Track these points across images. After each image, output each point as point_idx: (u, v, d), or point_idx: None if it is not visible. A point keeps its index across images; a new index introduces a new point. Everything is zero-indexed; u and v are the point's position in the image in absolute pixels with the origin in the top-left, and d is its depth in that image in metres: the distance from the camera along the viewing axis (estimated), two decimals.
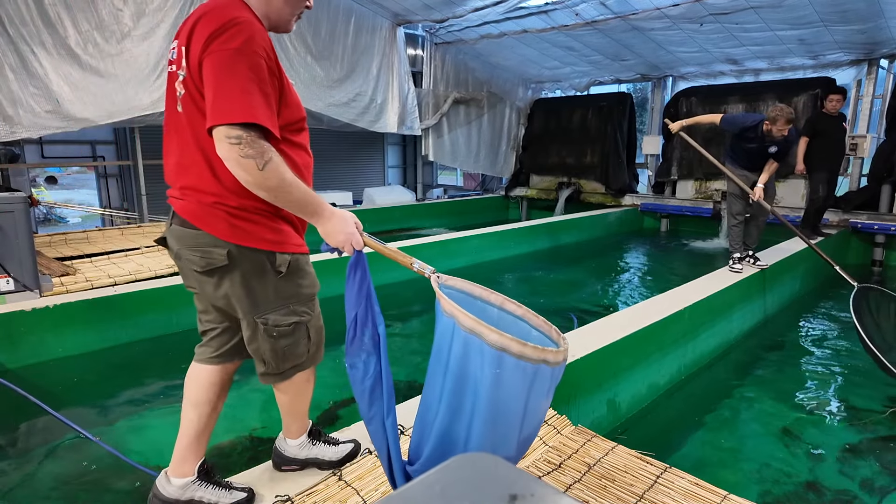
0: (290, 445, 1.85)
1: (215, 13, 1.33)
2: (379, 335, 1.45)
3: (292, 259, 1.55)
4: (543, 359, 1.26)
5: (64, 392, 3.29)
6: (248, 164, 1.29)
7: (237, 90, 1.28)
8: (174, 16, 5.83)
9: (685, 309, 3.56)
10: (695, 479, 1.75)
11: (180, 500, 1.64)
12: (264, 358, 1.62)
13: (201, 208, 1.46)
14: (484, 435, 1.30)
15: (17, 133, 5.01)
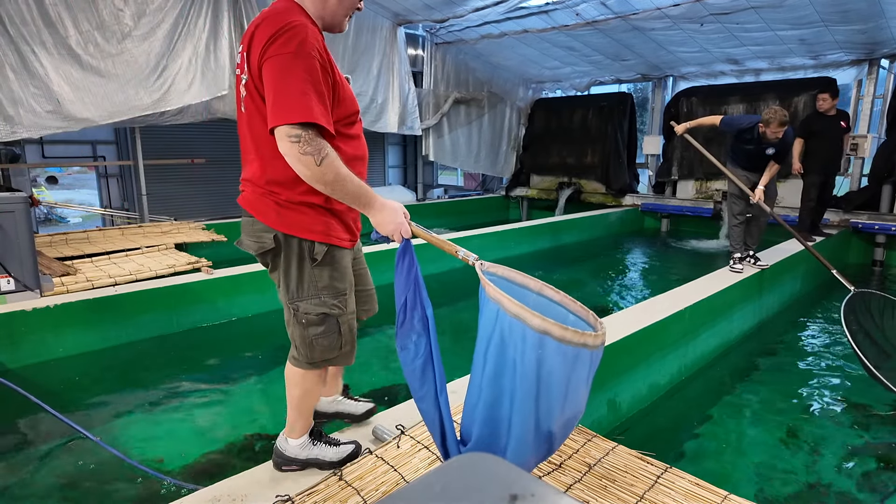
0: (291, 445, 1.86)
1: (271, 19, 1.44)
2: (427, 318, 1.52)
3: (328, 249, 1.65)
4: (583, 342, 1.31)
5: (65, 392, 3.29)
6: (307, 161, 1.42)
7: (295, 92, 1.39)
8: (175, 16, 5.83)
9: (686, 309, 3.56)
10: (695, 479, 1.75)
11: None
12: (296, 343, 1.75)
13: (255, 198, 1.63)
14: (525, 418, 1.35)
15: (18, 133, 5.01)
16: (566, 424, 1.45)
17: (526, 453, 1.42)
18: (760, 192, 4.50)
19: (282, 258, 1.65)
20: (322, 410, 2.10)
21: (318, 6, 1.56)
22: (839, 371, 3.80)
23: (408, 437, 1.97)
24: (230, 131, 9.10)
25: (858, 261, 7.06)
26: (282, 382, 1.64)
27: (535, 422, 1.38)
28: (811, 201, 6.10)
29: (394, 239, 1.57)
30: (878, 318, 3.76)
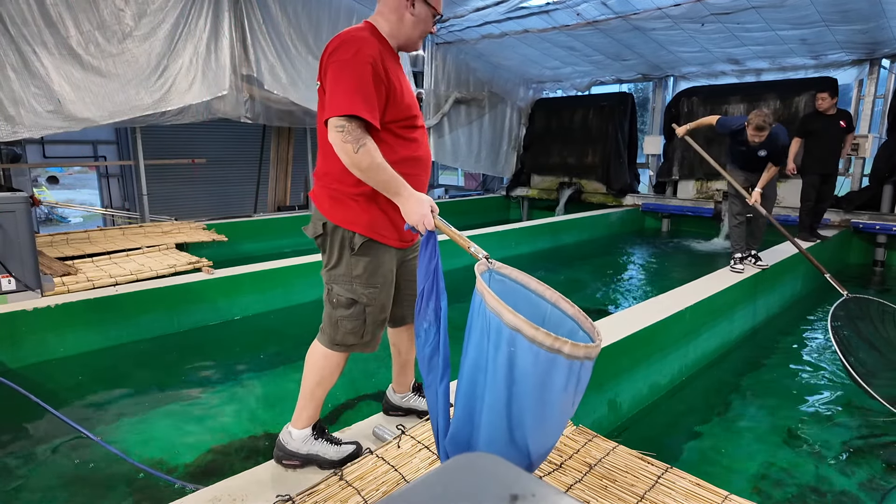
0: (293, 438, 1.91)
1: (340, 35, 1.71)
2: (441, 308, 1.59)
3: (368, 242, 1.80)
4: (557, 348, 1.26)
5: (65, 392, 3.29)
6: (347, 148, 1.60)
7: (345, 90, 1.61)
8: (175, 16, 5.84)
9: (686, 309, 3.56)
10: (696, 479, 1.75)
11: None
12: (324, 320, 1.94)
13: (317, 189, 1.86)
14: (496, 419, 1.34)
15: (19, 133, 5.01)
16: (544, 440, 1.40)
17: None
18: (757, 194, 4.47)
19: (329, 243, 1.85)
20: (396, 404, 2.25)
21: (392, 29, 1.80)
22: (841, 371, 3.79)
23: (408, 437, 1.97)
24: (231, 131, 9.13)
25: (859, 261, 7.06)
26: (282, 382, 1.67)
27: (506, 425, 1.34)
28: (809, 201, 6.05)
29: (419, 229, 1.68)
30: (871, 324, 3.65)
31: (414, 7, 1.78)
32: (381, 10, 1.81)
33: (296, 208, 8.44)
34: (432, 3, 1.80)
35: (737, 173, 4.74)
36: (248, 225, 7.15)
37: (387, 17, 1.80)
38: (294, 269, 4.86)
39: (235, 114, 6.66)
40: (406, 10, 1.78)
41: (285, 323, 4.54)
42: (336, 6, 7.45)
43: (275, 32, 6.76)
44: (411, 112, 1.81)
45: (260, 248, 6.94)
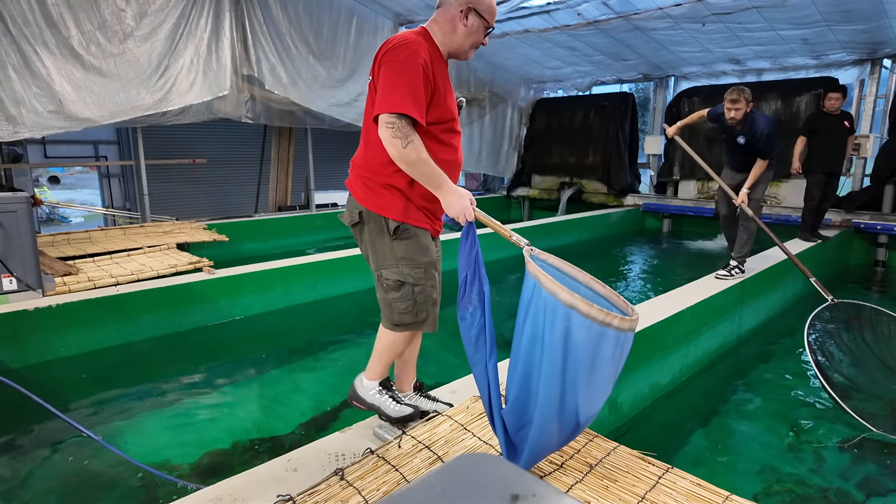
0: (364, 385, 2.13)
1: (396, 37, 1.80)
2: (484, 293, 1.71)
3: (402, 226, 1.90)
4: (608, 322, 1.48)
5: (67, 391, 3.30)
6: (396, 143, 1.71)
7: (396, 89, 1.71)
8: (176, 16, 5.84)
9: (687, 309, 3.56)
10: (697, 479, 1.75)
11: (365, 399, 2.11)
12: (381, 305, 2.03)
13: (353, 179, 1.96)
14: (551, 387, 1.54)
15: (20, 133, 5.01)
16: (591, 403, 1.61)
17: (551, 423, 1.60)
18: (744, 194, 4.24)
19: (366, 231, 1.95)
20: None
21: (446, 38, 1.90)
22: None
23: (409, 437, 1.97)
24: (232, 131, 9.13)
25: (860, 261, 7.05)
26: (283, 381, 1.68)
27: (560, 392, 1.54)
28: (813, 201, 5.99)
29: (460, 221, 1.79)
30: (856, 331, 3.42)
31: (467, 19, 1.88)
32: (436, 18, 1.92)
33: (296, 208, 8.44)
34: (485, 17, 1.89)
35: (727, 173, 4.58)
36: (248, 225, 7.16)
37: (441, 26, 1.90)
38: (294, 269, 4.86)
39: (236, 114, 6.66)
40: (460, 21, 1.88)
41: (286, 323, 4.55)
42: (337, 6, 7.46)
43: (276, 32, 6.77)
44: (452, 115, 1.92)
45: (261, 248, 6.94)
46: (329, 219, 8.19)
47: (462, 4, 1.86)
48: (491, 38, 8.66)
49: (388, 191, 1.88)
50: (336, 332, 4.35)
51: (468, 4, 1.86)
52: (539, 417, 1.59)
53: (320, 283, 5.02)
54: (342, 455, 1.96)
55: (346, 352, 3.99)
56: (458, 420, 2.08)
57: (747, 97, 4.07)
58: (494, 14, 1.92)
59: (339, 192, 9.45)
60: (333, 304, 4.98)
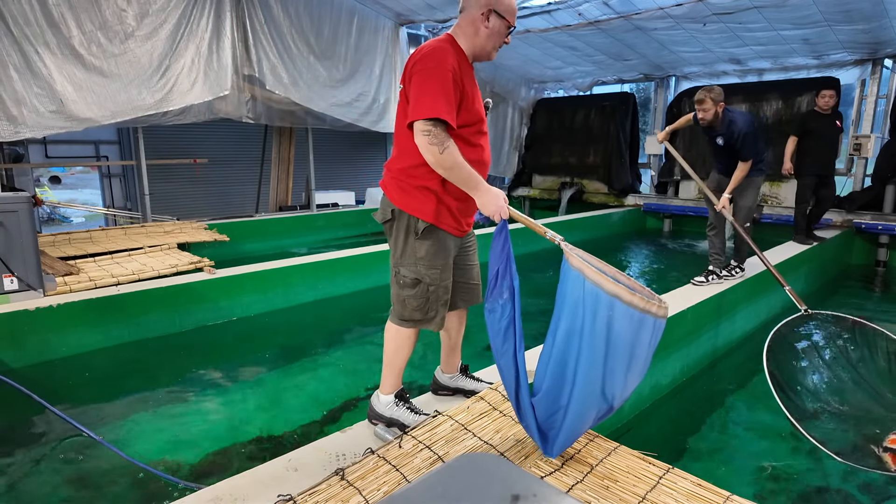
0: (381, 401, 2.16)
1: (425, 47, 1.89)
2: (514, 287, 1.81)
3: (430, 227, 1.99)
4: (648, 309, 1.61)
5: (67, 391, 3.30)
6: (433, 150, 1.81)
7: (429, 95, 1.80)
8: (177, 16, 5.84)
9: (688, 309, 3.56)
10: (697, 479, 1.75)
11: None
12: (392, 300, 2.11)
13: (387, 180, 2.05)
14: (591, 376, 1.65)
15: (22, 133, 5.02)
16: (627, 387, 1.72)
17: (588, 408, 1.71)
18: (725, 199, 4.10)
19: (395, 227, 2.04)
20: (444, 384, 2.40)
21: (469, 41, 1.97)
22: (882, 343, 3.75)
23: (410, 437, 1.97)
24: (232, 131, 9.14)
25: (861, 261, 7.04)
26: (283, 381, 1.68)
27: (601, 379, 1.66)
28: (805, 203, 5.84)
29: (494, 219, 1.90)
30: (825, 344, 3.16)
31: (488, 21, 1.93)
32: (459, 23, 1.98)
33: (297, 208, 8.44)
34: (506, 17, 1.95)
35: (714, 177, 4.41)
36: (249, 225, 7.16)
37: (464, 29, 1.96)
38: (295, 269, 4.86)
39: (237, 114, 6.66)
40: (481, 23, 1.94)
41: (286, 323, 4.55)
42: (338, 6, 7.46)
43: (276, 33, 6.77)
44: (479, 117, 2.01)
45: (261, 248, 6.94)
46: (330, 219, 8.19)
47: (482, 7, 1.92)
48: None
49: (421, 193, 1.98)
50: (337, 332, 4.35)
51: (488, 6, 1.92)
52: (575, 403, 1.70)
53: (321, 283, 5.02)
54: (343, 455, 1.97)
55: (346, 352, 3.99)
56: (458, 420, 2.08)
57: (714, 97, 3.92)
58: (515, 13, 1.97)
59: (339, 192, 9.45)
60: (334, 304, 4.98)
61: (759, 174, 4.23)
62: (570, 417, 1.73)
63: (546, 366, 1.76)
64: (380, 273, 5.51)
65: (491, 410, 2.16)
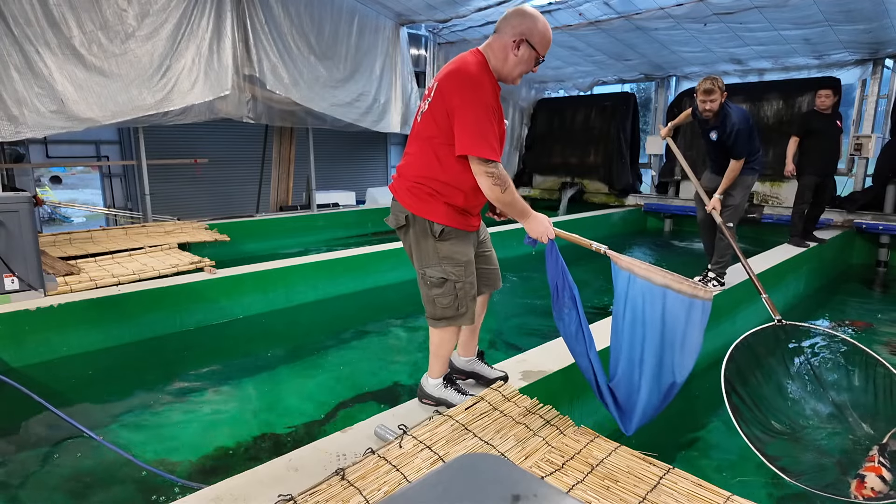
0: (429, 384, 2.29)
1: (463, 71, 1.93)
2: (575, 297, 2.08)
3: (446, 229, 2.07)
4: (695, 294, 1.91)
5: (68, 391, 3.30)
6: (496, 189, 1.95)
7: (481, 132, 1.89)
8: (178, 16, 5.85)
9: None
10: (698, 480, 1.75)
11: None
12: (423, 302, 2.20)
13: (399, 186, 2.12)
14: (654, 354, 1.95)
15: (22, 133, 5.02)
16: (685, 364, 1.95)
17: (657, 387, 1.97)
18: (716, 200, 3.93)
19: (411, 233, 2.12)
20: (460, 368, 2.48)
21: (499, 64, 2.00)
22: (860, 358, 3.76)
23: (410, 437, 1.97)
24: (233, 131, 9.14)
25: (862, 261, 7.03)
26: (284, 381, 1.68)
27: (660, 357, 1.95)
28: (805, 204, 5.74)
29: (542, 241, 2.10)
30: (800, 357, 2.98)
31: (518, 50, 1.98)
32: (491, 44, 2.02)
33: (298, 208, 8.45)
34: (537, 49, 1.99)
35: (707, 176, 4.24)
36: (250, 225, 7.16)
37: (495, 52, 2.01)
38: (296, 269, 4.86)
39: (238, 114, 6.67)
40: (511, 51, 1.98)
41: (287, 323, 4.55)
42: (338, 6, 7.46)
43: (277, 33, 6.77)
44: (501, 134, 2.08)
45: (262, 247, 6.94)
46: (330, 219, 8.20)
47: (516, 35, 1.96)
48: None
49: (432, 198, 2.05)
50: (337, 332, 4.35)
51: (522, 35, 1.96)
52: (646, 385, 1.98)
53: (322, 283, 5.02)
54: (343, 455, 1.97)
55: (347, 352, 3.99)
56: (458, 420, 2.08)
57: (721, 86, 3.74)
58: (548, 45, 2.02)
59: (340, 192, 9.45)
60: (335, 304, 4.98)
61: (752, 173, 4.07)
62: (644, 397, 2.00)
63: (617, 356, 2.06)
64: (380, 273, 5.51)
65: (491, 410, 2.16)
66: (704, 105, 3.78)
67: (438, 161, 2.00)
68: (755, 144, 3.99)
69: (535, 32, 1.96)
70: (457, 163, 1.98)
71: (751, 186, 4.14)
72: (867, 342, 4.29)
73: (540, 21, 1.98)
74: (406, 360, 3.88)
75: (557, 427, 2.08)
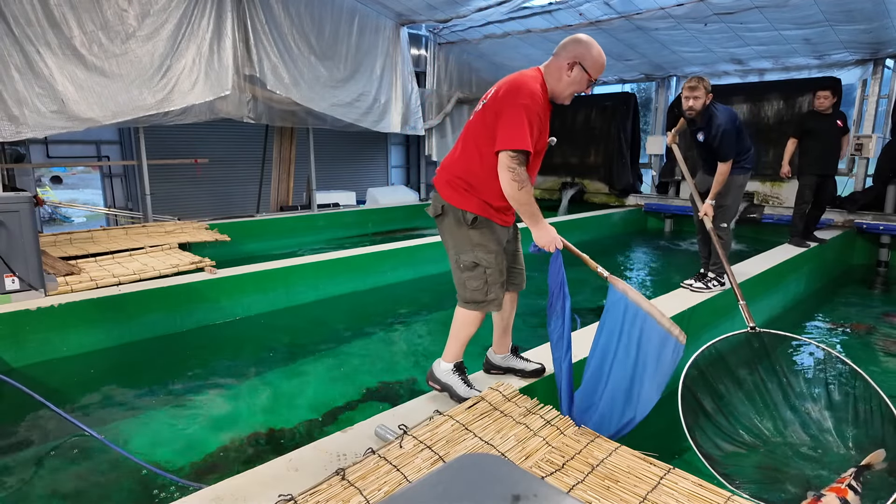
0: (440, 368, 2.38)
1: (520, 80, 2.14)
2: (566, 307, 2.20)
3: (479, 218, 2.22)
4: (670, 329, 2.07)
5: (69, 391, 3.31)
6: (514, 185, 2.09)
7: (517, 128, 2.04)
8: (178, 16, 5.85)
9: (689, 309, 3.55)
10: (698, 480, 1.75)
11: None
12: (456, 285, 2.33)
13: (440, 177, 2.29)
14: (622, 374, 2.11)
15: (23, 133, 5.03)
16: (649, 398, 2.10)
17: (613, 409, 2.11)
18: (708, 206, 3.86)
19: (447, 221, 2.28)
20: (496, 364, 2.57)
21: (552, 82, 2.19)
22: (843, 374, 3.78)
23: (410, 437, 1.97)
24: (233, 131, 9.14)
25: (862, 262, 7.03)
26: (284, 381, 1.68)
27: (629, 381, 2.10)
28: (805, 204, 5.70)
29: (548, 249, 2.21)
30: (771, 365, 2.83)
31: (571, 72, 2.15)
32: (550, 63, 2.21)
33: (298, 208, 8.45)
34: (589, 72, 2.15)
35: (701, 177, 4.18)
36: (250, 225, 7.16)
37: (551, 72, 2.19)
38: (296, 269, 4.87)
39: (238, 114, 6.67)
40: (564, 72, 2.16)
41: (287, 322, 4.55)
42: (339, 6, 7.47)
43: (277, 33, 6.77)
44: (542, 145, 2.25)
45: (262, 247, 6.95)
46: (331, 219, 8.20)
47: (571, 58, 2.14)
48: (492, 38, 8.71)
49: (468, 192, 2.21)
50: (338, 332, 4.35)
51: (576, 59, 2.13)
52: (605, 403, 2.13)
53: (322, 283, 5.02)
54: (343, 455, 1.97)
55: (347, 352, 3.99)
56: (459, 420, 2.08)
57: (706, 86, 3.73)
58: (601, 69, 2.17)
59: (340, 192, 9.45)
60: (335, 304, 4.98)
61: (743, 172, 4.00)
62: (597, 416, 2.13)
63: (589, 365, 2.22)
64: (380, 273, 5.51)
65: (492, 410, 2.16)
66: (688, 101, 3.75)
67: (480, 157, 2.16)
68: (744, 144, 3.94)
69: (588, 57, 2.13)
70: (495, 159, 2.11)
71: (743, 186, 4.10)
72: (868, 342, 4.29)
73: (594, 48, 2.15)
74: (406, 359, 3.88)
75: (558, 427, 2.08)
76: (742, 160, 3.96)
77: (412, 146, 12.11)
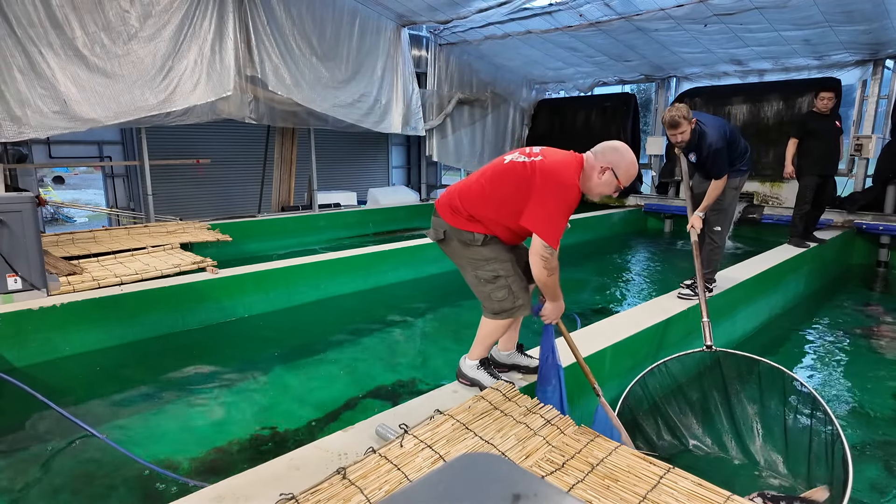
0: (466, 364, 2.50)
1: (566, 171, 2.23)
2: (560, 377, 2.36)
3: (486, 237, 2.31)
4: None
5: (71, 390, 3.32)
6: (545, 272, 2.20)
7: (555, 224, 2.17)
8: (180, 17, 5.86)
9: (689, 309, 3.56)
10: (698, 479, 1.76)
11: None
12: (481, 300, 2.41)
13: (445, 202, 2.38)
14: None
15: (25, 133, 5.04)
16: None
17: None
18: (697, 218, 3.79)
19: (453, 244, 2.36)
20: (501, 361, 2.65)
21: (584, 178, 2.28)
22: (844, 371, 3.79)
23: (411, 436, 1.99)
24: (235, 132, 9.15)
25: (862, 262, 7.04)
26: (285, 380, 1.68)
27: None
28: (806, 204, 5.72)
29: (551, 321, 2.39)
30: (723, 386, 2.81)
31: (604, 175, 2.26)
32: (588, 158, 2.31)
33: (299, 208, 8.46)
34: (620, 178, 2.26)
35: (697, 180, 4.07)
36: (252, 225, 7.18)
37: (587, 170, 2.29)
38: (297, 269, 4.88)
39: (240, 114, 6.68)
40: (596, 173, 2.27)
41: (288, 322, 4.56)
42: (340, 7, 7.47)
43: (279, 34, 6.78)
44: None
45: (264, 248, 6.96)
46: (331, 219, 8.21)
47: (605, 163, 2.25)
48: (493, 39, 8.71)
49: (471, 222, 2.31)
50: (339, 332, 4.36)
51: (609, 165, 2.24)
52: None
53: (323, 283, 5.03)
54: (344, 454, 1.98)
55: (348, 351, 4.00)
56: (459, 419, 2.10)
57: (686, 115, 3.52)
58: (630, 178, 2.27)
59: (341, 193, 9.46)
60: (336, 304, 5.00)
61: (739, 174, 3.93)
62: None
63: None
64: (381, 273, 5.52)
65: (492, 410, 2.18)
66: (675, 139, 3.62)
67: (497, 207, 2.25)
68: (738, 150, 3.84)
69: (622, 166, 2.24)
70: (513, 218, 2.23)
71: (740, 188, 4.02)
72: (867, 344, 4.30)
73: (628, 158, 2.26)
74: (407, 359, 3.90)
75: (558, 426, 2.09)
76: (738, 164, 3.89)
77: (413, 147, 12.12)
